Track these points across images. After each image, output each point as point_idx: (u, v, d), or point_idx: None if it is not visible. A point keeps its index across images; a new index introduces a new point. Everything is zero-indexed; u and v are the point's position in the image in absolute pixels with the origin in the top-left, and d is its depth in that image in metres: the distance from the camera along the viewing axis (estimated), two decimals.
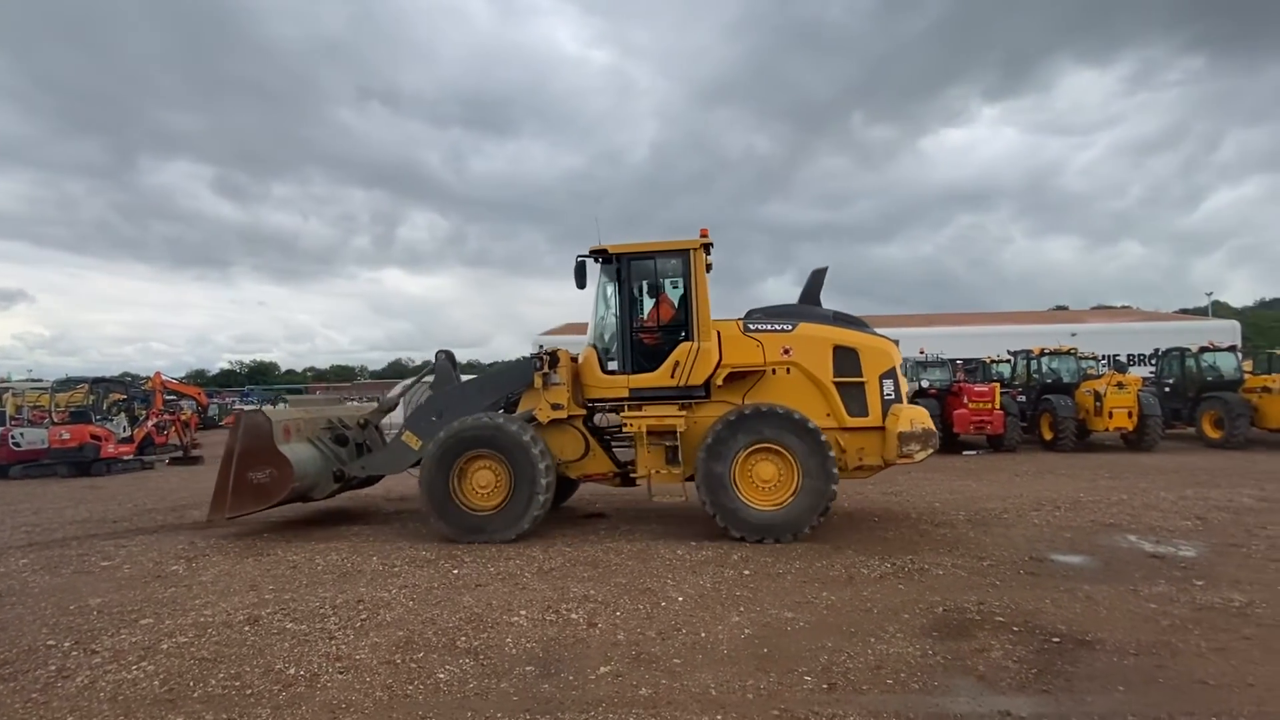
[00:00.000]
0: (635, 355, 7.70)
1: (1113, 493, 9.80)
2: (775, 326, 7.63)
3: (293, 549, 7.54)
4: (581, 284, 7.78)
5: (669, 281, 7.96)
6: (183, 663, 4.42)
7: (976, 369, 20.22)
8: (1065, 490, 10.11)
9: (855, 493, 9.83)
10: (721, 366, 7.47)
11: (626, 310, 7.75)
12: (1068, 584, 5.57)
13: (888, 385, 7.46)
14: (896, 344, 7.89)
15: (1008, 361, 19.94)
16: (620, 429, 7.97)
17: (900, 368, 7.69)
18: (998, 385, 16.30)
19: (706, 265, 7.71)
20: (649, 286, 7.98)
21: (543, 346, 8.19)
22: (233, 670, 4.28)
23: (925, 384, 16.87)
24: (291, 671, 4.23)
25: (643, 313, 7.97)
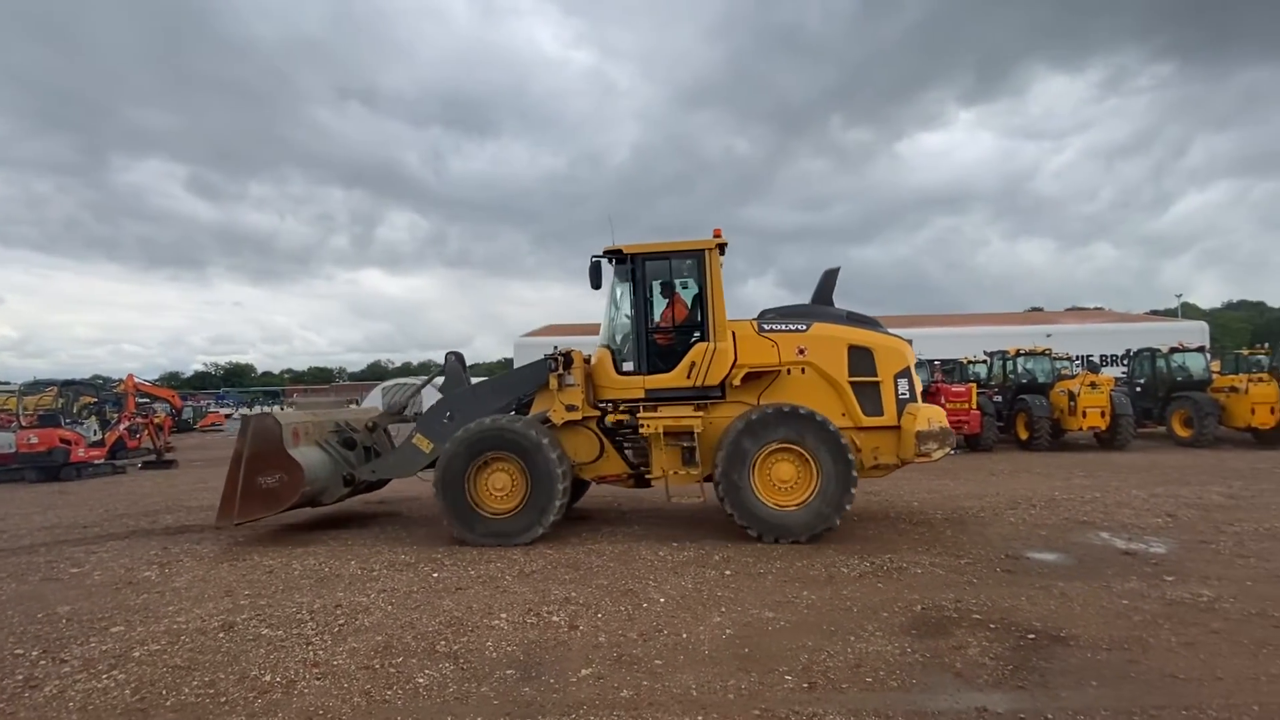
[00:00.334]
0: (650, 356, 7.67)
1: (1086, 491, 9.97)
2: (790, 326, 7.64)
3: (269, 554, 7.43)
4: (596, 284, 7.74)
5: (682, 282, 7.93)
6: (155, 671, 4.33)
7: (954, 369, 20.48)
8: (1040, 489, 10.27)
9: None
10: (738, 367, 7.45)
11: (642, 311, 7.71)
12: (1043, 581, 5.65)
13: (902, 384, 7.50)
14: (910, 343, 7.91)
15: (984, 362, 20.23)
16: (634, 429, 7.82)
17: (914, 367, 7.72)
18: (974, 385, 16.54)
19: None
20: (664, 287, 7.95)
21: (556, 348, 8.08)
22: (207, 678, 4.20)
23: None
24: (267, 678, 4.17)
25: (658, 313, 7.93)
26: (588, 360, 8.10)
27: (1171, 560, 6.21)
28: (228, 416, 52.37)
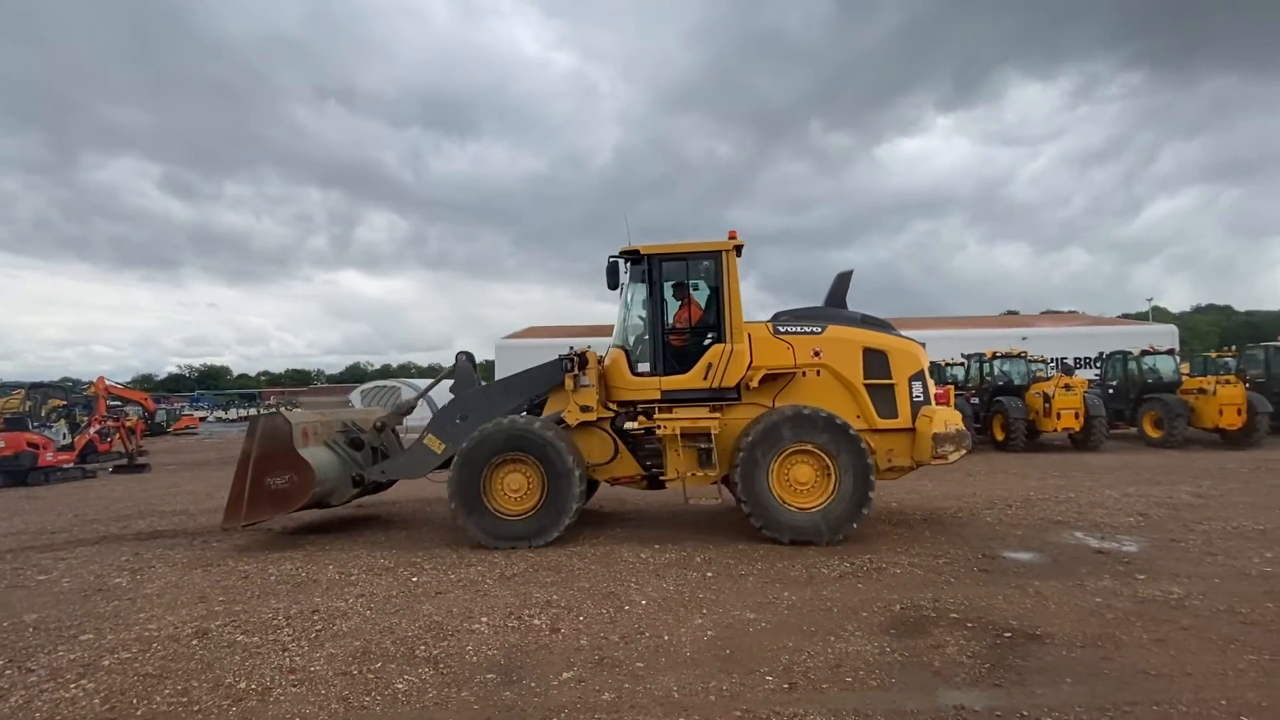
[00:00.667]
0: (667, 357, 7.65)
1: (1061, 491, 10.14)
2: (805, 329, 7.65)
3: (244, 558, 7.31)
4: (614, 285, 7.71)
5: (693, 283, 7.91)
6: (125, 679, 4.24)
7: (932, 371, 20.69)
8: (1016, 489, 10.42)
9: None
10: (754, 368, 7.45)
11: (658, 312, 7.67)
12: (1019, 580, 5.74)
13: (916, 387, 7.55)
14: (923, 346, 7.96)
15: (961, 364, 20.50)
16: (648, 431, 7.78)
17: (928, 370, 7.76)
18: (952, 388, 16.72)
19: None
20: (676, 288, 7.91)
21: (572, 348, 8.02)
22: (179, 686, 4.12)
23: None
24: (242, 685, 4.10)
25: (672, 315, 7.90)
26: (601, 361, 8.05)
27: (1143, 559, 6.33)
28: (202, 419, 51.52)
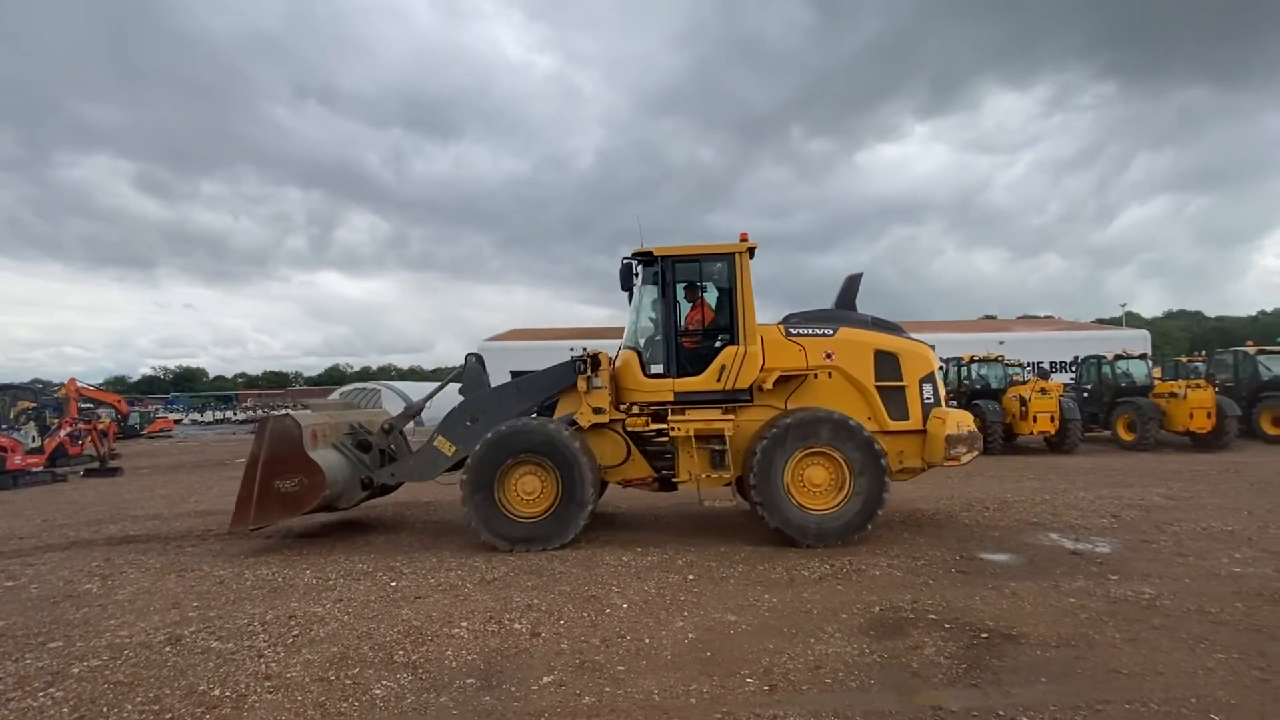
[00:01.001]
0: (680, 359, 7.64)
1: (1037, 493, 10.29)
2: (817, 331, 7.68)
3: (219, 563, 7.20)
4: (628, 286, 7.73)
5: (710, 285, 7.91)
6: (95, 688, 4.16)
7: None
8: (993, 491, 10.56)
9: None
10: (767, 370, 7.46)
11: (671, 314, 7.66)
12: (995, 581, 5.81)
13: (927, 389, 7.60)
14: (933, 348, 8.00)
15: (940, 368, 20.72)
16: (658, 432, 7.77)
17: (938, 372, 7.81)
18: None
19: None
20: (687, 290, 7.90)
21: (585, 349, 7.98)
22: (151, 694, 4.04)
23: None
24: (216, 693, 4.03)
25: (686, 316, 7.89)
26: (611, 362, 8.02)
27: (1116, 560, 6.44)
28: (177, 422, 50.67)
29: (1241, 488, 10.47)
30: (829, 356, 7.58)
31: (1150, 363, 19.36)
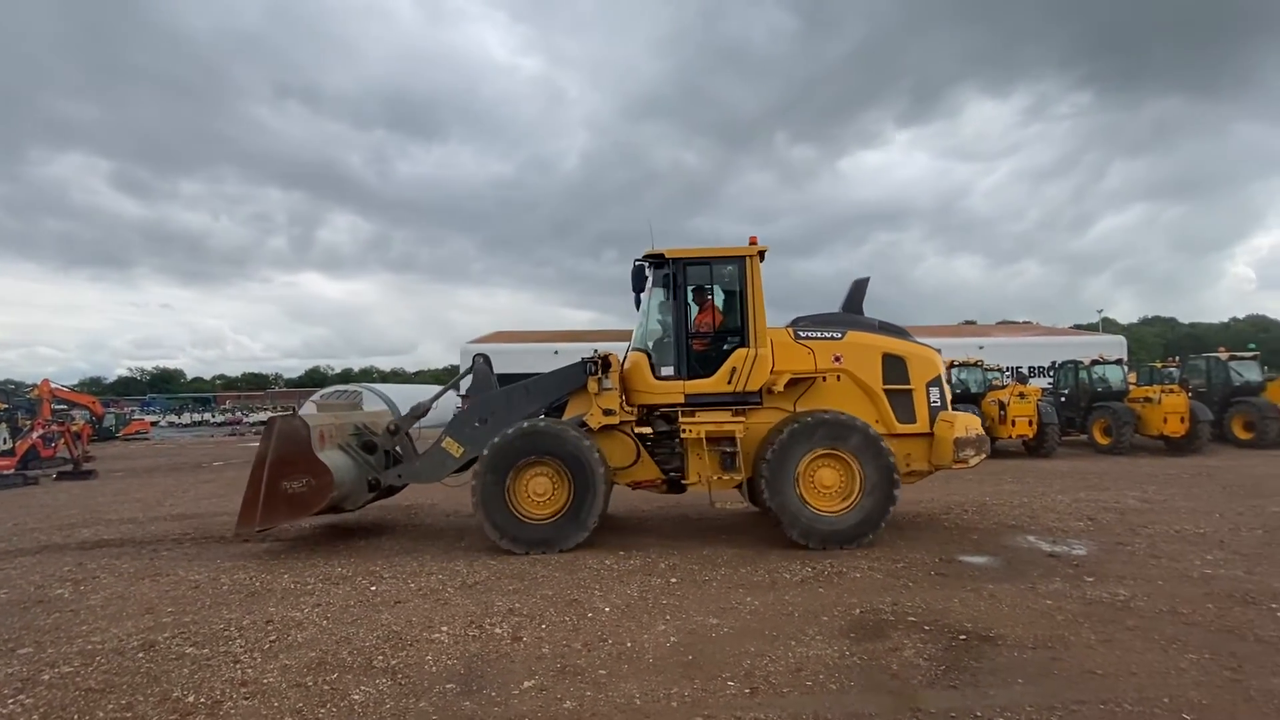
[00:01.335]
0: (690, 361, 7.63)
1: (1015, 496, 10.42)
2: (826, 334, 7.72)
3: (195, 567, 7.09)
4: (639, 288, 7.73)
5: (721, 287, 7.91)
6: (66, 694, 4.07)
7: None
8: (972, 494, 10.67)
9: None
10: (777, 373, 7.48)
11: (682, 316, 7.65)
12: (974, 583, 5.87)
13: (934, 393, 7.66)
14: (939, 352, 8.05)
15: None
16: (668, 434, 7.79)
17: (944, 376, 7.86)
18: None
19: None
20: (695, 292, 7.89)
21: (596, 350, 7.98)
22: (123, 700, 3.97)
23: None
24: (190, 699, 3.97)
25: (697, 318, 7.89)
26: (620, 364, 8.01)
27: (1091, 562, 6.54)
28: (154, 424, 49.87)
29: (1213, 491, 10.67)
30: (837, 359, 7.64)
31: (1126, 368, 19.70)
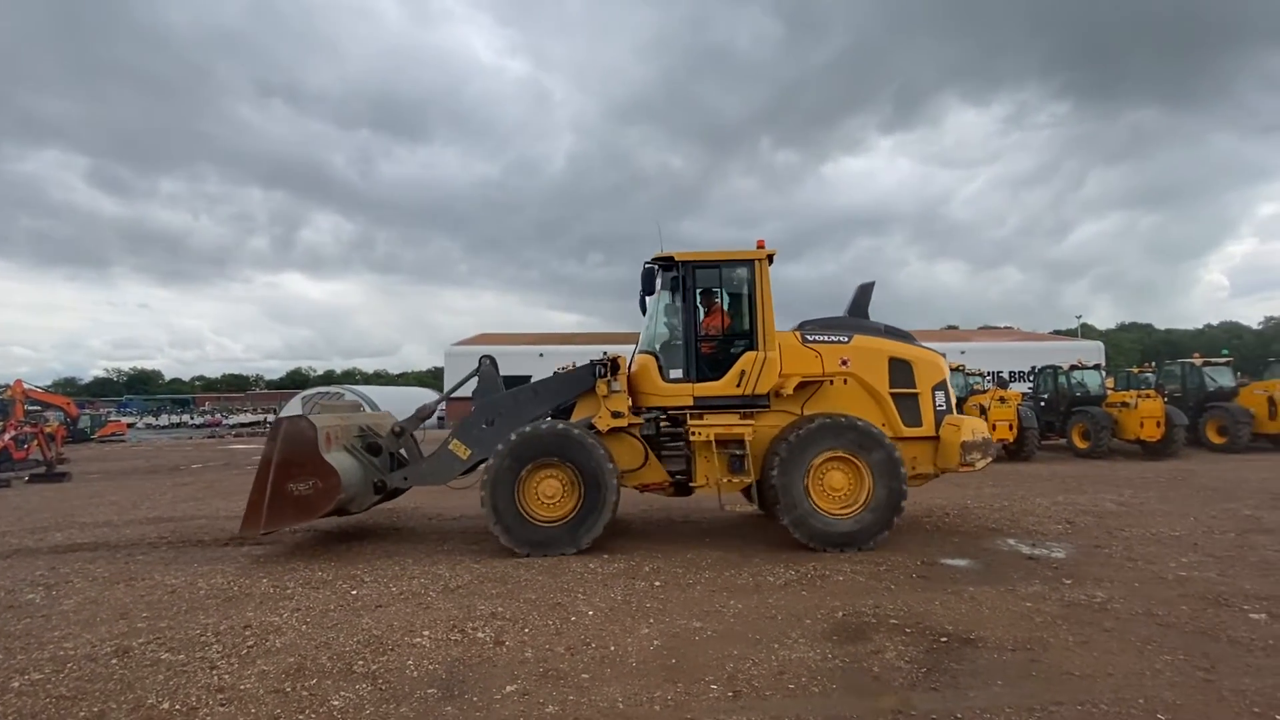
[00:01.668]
0: (700, 364, 7.62)
1: (996, 499, 10.53)
2: (833, 338, 7.74)
3: (171, 572, 6.97)
4: (649, 291, 7.72)
5: (730, 291, 7.91)
6: (36, 702, 3.98)
7: None
8: (954, 498, 10.76)
9: None
10: (786, 376, 7.50)
11: (691, 319, 7.65)
12: (955, 586, 5.93)
13: (939, 396, 7.70)
14: (944, 357, 8.09)
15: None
16: (673, 437, 7.77)
17: (949, 380, 7.93)
18: None
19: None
20: (703, 295, 7.89)
21: (605, 353, 7.96)
22: (96, 708, 3.89)
23: None
24: (165, 706, 3.90)
25: (706, 321, 7.89)
26: (628, 367, 8.00)
27: (1069, 564, 6.62)
28: (131, 426, 49.08)
29: (1188, 494, 10.85)
30: (845, 363, 7.67)
31: (1104, 373, 19.99)
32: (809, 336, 7.78)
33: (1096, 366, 19.51)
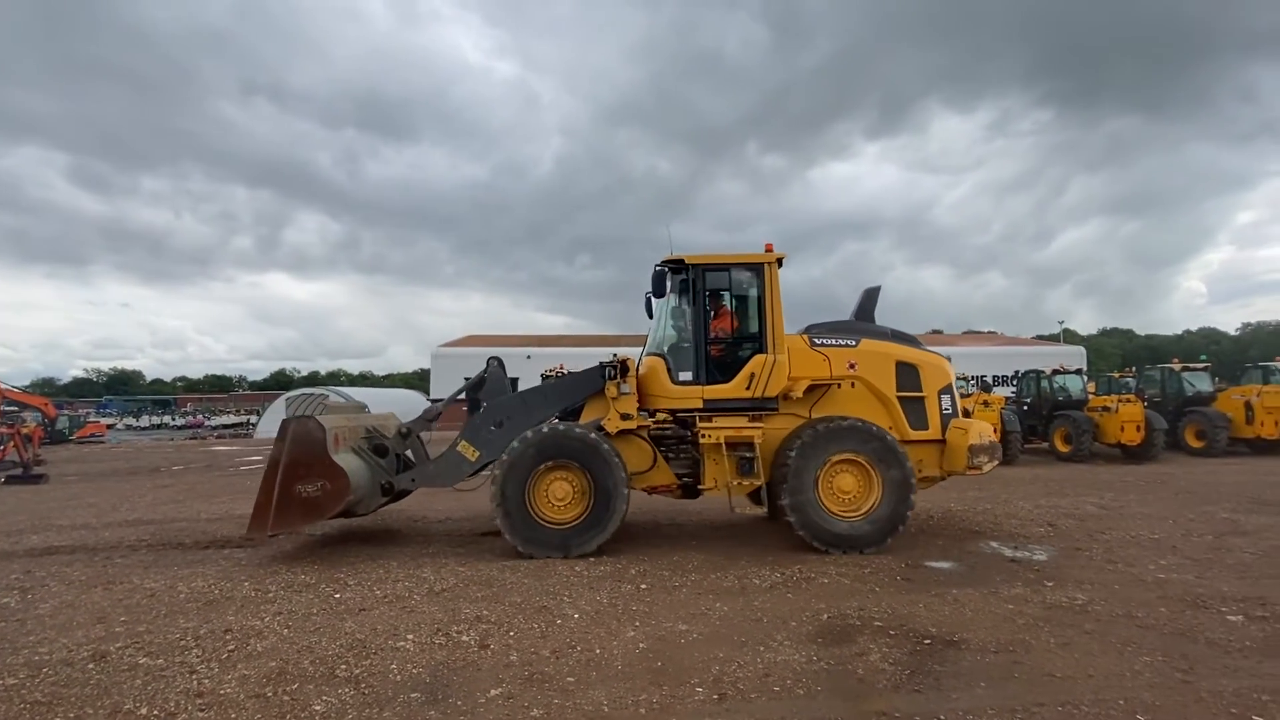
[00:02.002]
0: (709, 366, 7.61)
1: (979, 502, 10.62)
2: (841, 342, 7.77)
3: (150, 575, 6.88)
4: (660, 293, 7.72)
5: (739, 294, 7.92)
6: (10, 708, 3.91)
7: None
8: (938, 501, 10.84)
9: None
10: (795, 379, 7.51)
11: (701, 321, 7.63)
12: (938, 588, 5.97)
13: (945, 400, 7.75)
14: (949, 361, 8.14)
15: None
16: (680, 440, 7.81)
17: (955, 384, 7.98)
18: None
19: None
20: (711, 298, 7.87)
21: (616, 355, 7.95)
22: (72, 714, 3.83)
23: None
24: (143, 711, 3.84)
25: (715, 324, 7.89)
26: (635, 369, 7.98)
27: (1051, 567, 6.69)
28: (110, 427, 48.39)
29: (1167, 497, 11.00)
30: (852, 366, 7.71)
31: (1085, 378, 20.23)
32: (817, 340, 7.82)
33: (1078, 371, 19.73)
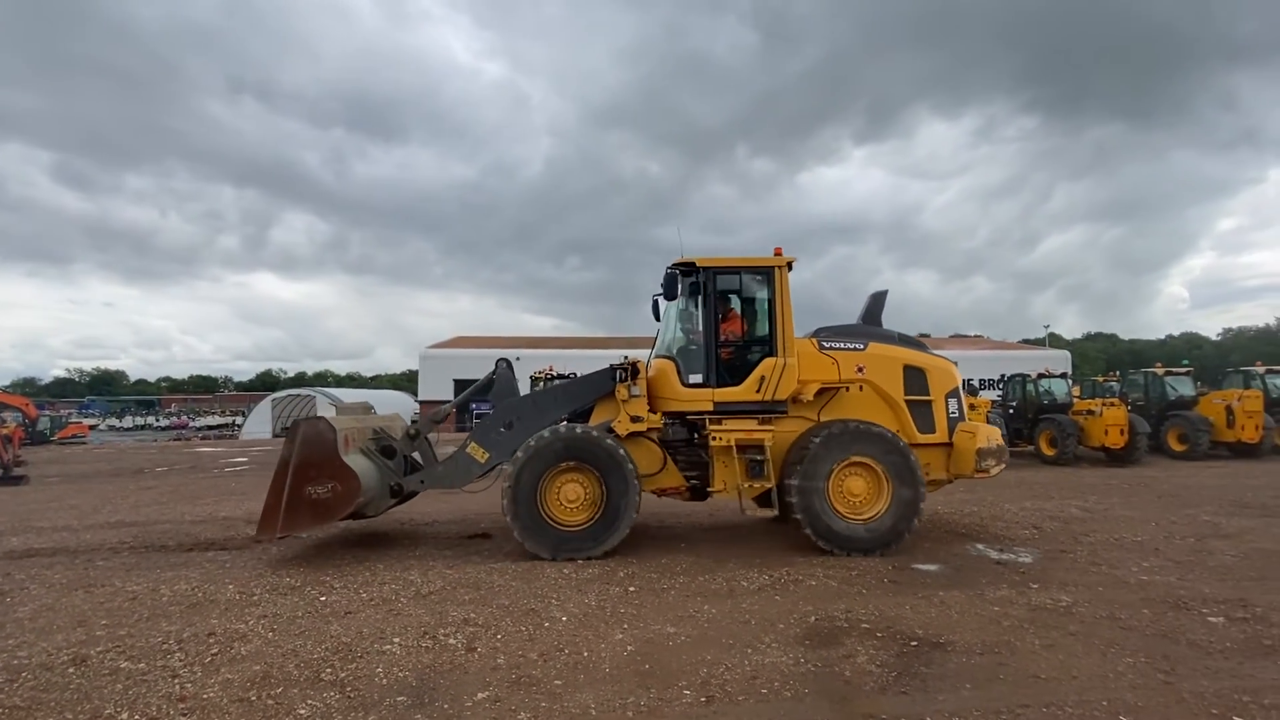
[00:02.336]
0: (720, 369, 7.61)
1: (966, 505, 10.69)
2: (849, 345, 7.80)
3: (133, 578, 6.79)
4: (672, 296, 7.74)
5: (749, 297, 7.91)
6: None
7: None
8: (925, 503, 10.89)
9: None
10: (804, 382, 7.53)
11: (712, 324, 7.63)
12: (925, 590, 6.00)
13: (952, 404, 7.80)
14: (956, 365, 8.18)
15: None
16: (687, 442, 7.82)
17: (961, 388, 8.02)
18: None
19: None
20: (733, 301, 7.89)
21: (626, 357, 7.94)
22: (52, 719, 3.77)
23: None
24: (125, 716, 3.79)
25: (725, 327, 7.88)
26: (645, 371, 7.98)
27: (1036, 569, 6.74)
28: (93, 428, 47.78)
29: (1150, 500, 11.13)
30: (860, 370, 7.74)
31: (1070, 382, 20.42)
32: (826, 344, 7.86)
33: (1063, 375, 19.91)
